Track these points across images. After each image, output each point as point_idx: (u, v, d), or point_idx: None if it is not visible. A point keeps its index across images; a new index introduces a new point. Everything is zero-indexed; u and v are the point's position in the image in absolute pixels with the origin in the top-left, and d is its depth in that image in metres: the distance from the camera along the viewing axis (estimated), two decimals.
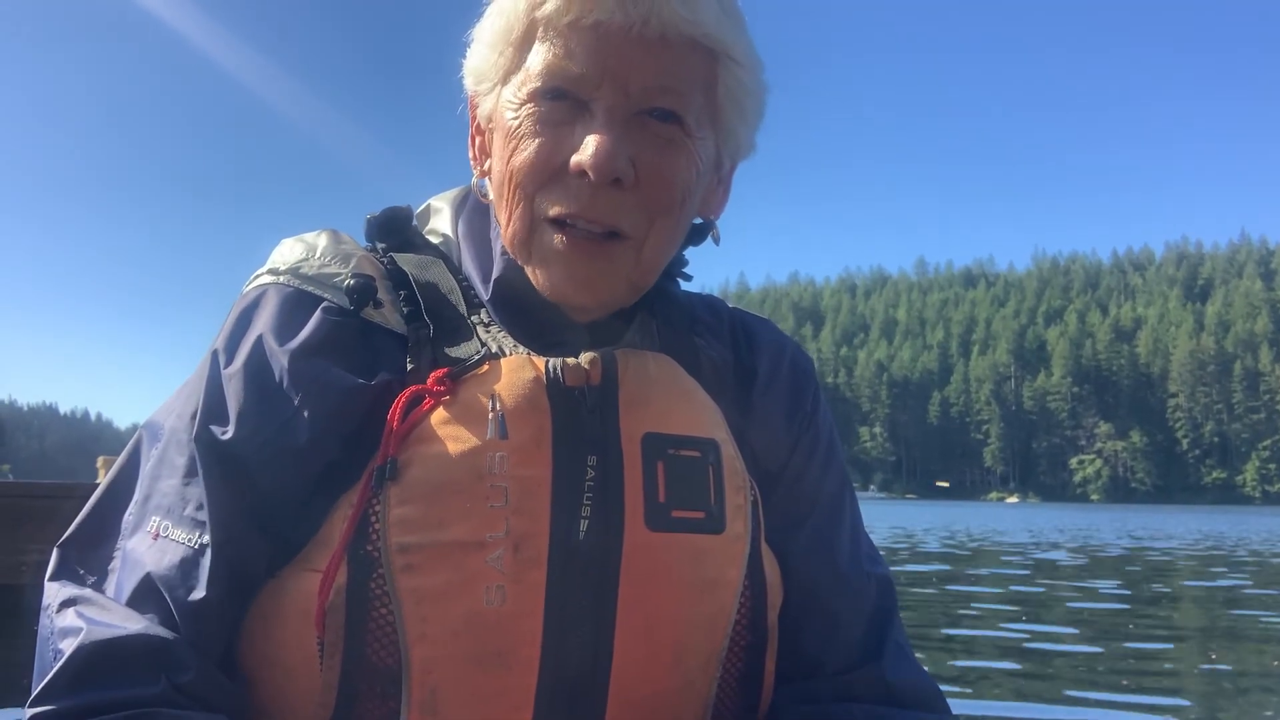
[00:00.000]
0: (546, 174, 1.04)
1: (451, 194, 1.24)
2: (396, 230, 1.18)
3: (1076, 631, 7.32)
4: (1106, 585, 11.43)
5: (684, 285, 1.25)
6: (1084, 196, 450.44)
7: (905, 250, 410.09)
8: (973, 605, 8.91)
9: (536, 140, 1.04)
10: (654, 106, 1.04)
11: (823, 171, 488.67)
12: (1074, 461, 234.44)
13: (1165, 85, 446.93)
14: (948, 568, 13.59)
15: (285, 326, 1.05)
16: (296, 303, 1.07)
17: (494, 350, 1.07)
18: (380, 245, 1.17)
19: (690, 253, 1.22)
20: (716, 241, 1.21)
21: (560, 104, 1.04)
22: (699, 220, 1.18)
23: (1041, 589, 10.91)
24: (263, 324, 1.05)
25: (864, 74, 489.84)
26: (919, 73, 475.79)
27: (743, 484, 1.10)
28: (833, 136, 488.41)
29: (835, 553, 1.18)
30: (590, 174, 1.00)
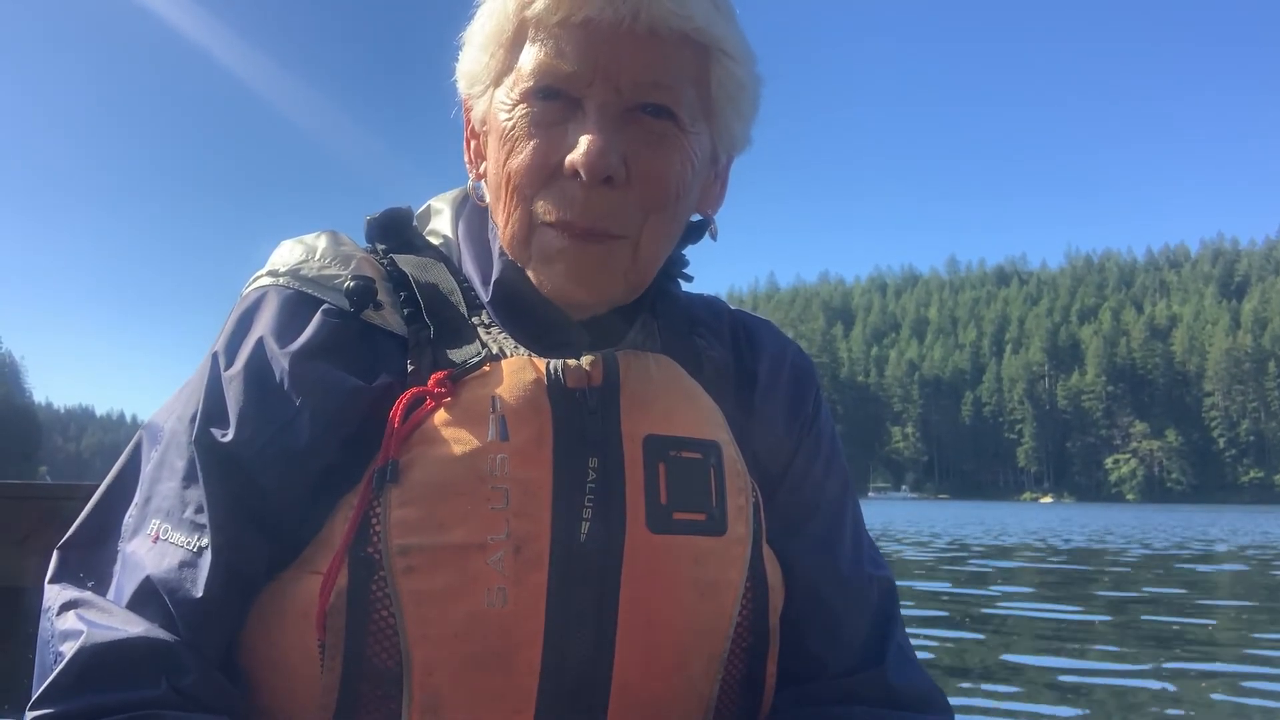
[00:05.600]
0: (543, 176, 1.04)
1: (451, 195, 1.24)
2: (396, 231, 1.18)
3: None
4: None
5: (685, 286, 1.25)
6: (1118, 193, 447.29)
7: (936, 249, 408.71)
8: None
9: (531, 142, 1.04)
10: (646, 102, 1.04)
11: (852, 170, 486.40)
12: (1109, 461, 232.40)
13: (1201, 80, 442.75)
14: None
15: (285, 329, 1.05)
16: (297, 305, 1.07)
17: (495, 352, 1.08)
18: (380, 246, 1.17)
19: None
20: (714, 237, 1.21)
21: (553, 104, 1.04)
22: (697, 217, 1.18)
23: None
24: (263, 326, 1.05)
25: (895, 70, 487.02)
26: (951, 69, 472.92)
27: (744, 486, 1.10)
28: (862, 134, 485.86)
29: (837, 555, 1.18)
30: (583, 173, 1.01)
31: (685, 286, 1.25)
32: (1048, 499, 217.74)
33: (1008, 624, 7.71)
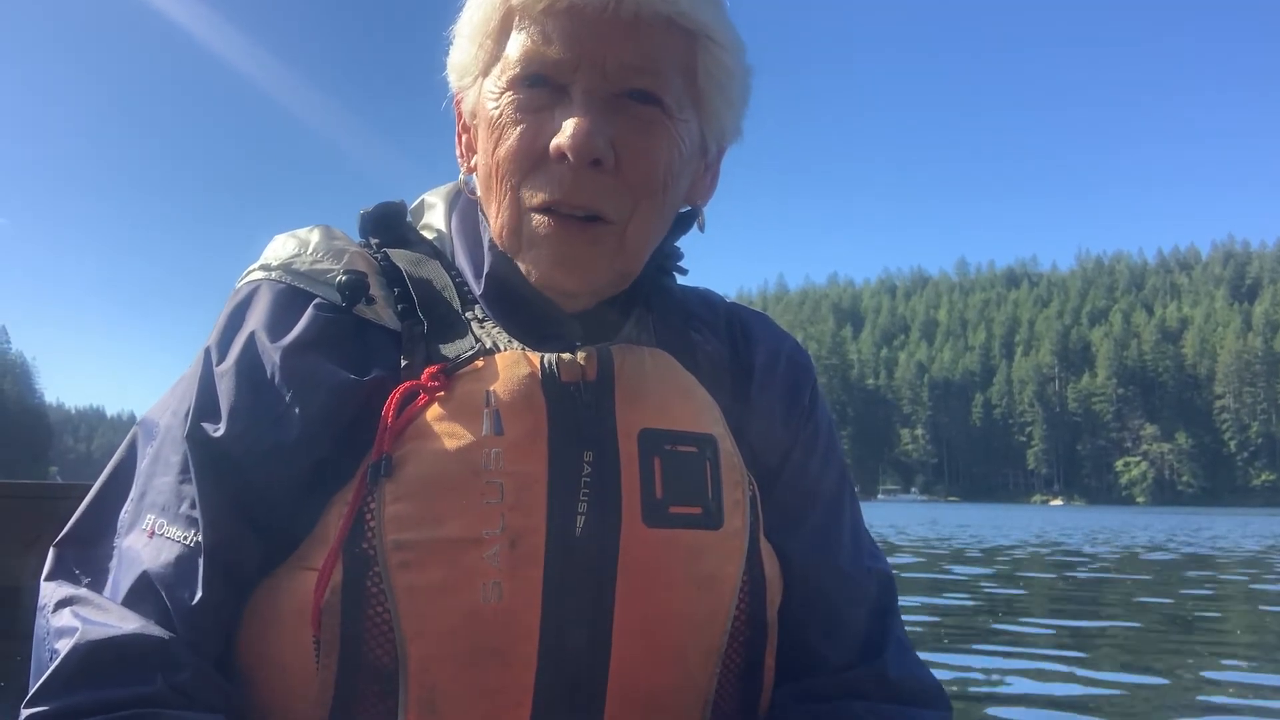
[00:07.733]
0: (530, 161, 1.04)
1: (445, 189, 1.24)
2: (390, 226, 1.18)
3: None
4: None
5: (679, 279, 1.24)
6: (1128, 195, 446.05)
7: (946, 250, 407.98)
8: None
9: (518, 128, 1.04)
10: (632, 88, 1.04)
11: (861, 171, 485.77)
12: (1119, 464, 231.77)
13: (1212, 81, 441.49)
14: None
15: (277, 323, 1.05)
16: (289, 299, 1.07)
17: (488, 346, 1.07)
18: (374, 241, 1.16)
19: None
20: (701, 228, 1.20)
21: (539, 90, 1.04)
22: (687, 208, 1.18)
23: None
24: (255, 321, 1.05)
25: (903, 72, 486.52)
26: (959, 70, 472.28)
27: (741, 479, 1.09)
28: (871, 135, 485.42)
29: (836, 549, 1.18)
30: (569, 155, 1.01)
31: (679, 279, 1.25)
32: (1058, 501, 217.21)
33: (1012, 620, 7.61)
